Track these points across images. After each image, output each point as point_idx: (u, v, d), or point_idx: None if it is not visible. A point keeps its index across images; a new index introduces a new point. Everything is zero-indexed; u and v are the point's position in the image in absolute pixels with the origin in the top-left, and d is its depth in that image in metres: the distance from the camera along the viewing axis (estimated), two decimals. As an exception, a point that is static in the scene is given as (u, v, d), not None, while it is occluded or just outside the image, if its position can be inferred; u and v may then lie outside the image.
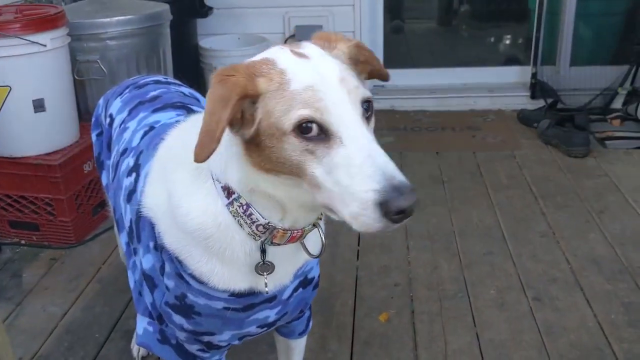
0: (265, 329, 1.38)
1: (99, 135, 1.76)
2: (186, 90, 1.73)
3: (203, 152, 0.99)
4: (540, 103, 4.25)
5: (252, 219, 1.11)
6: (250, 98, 1.00)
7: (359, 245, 2.80)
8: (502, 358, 2.10)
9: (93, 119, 1.80)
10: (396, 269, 2.61)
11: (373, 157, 0.96)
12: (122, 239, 1.46)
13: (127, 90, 1.69)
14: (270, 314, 1.32)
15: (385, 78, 1.23)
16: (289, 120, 0.97)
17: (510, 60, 5.25)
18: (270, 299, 1.27)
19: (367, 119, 1.03)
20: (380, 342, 2.20)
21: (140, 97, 1.62)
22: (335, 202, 0.98)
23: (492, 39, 5.77)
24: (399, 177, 0.94)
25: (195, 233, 1.16)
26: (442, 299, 2.42)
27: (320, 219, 1.21)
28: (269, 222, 1.11)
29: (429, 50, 5.97)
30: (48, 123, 2.69)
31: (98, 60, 2.98)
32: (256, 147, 1.03)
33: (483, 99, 4.41)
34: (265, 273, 1.19)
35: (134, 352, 2.16)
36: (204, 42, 4.06)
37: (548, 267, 2.58)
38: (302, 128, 0.97)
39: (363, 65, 1.15)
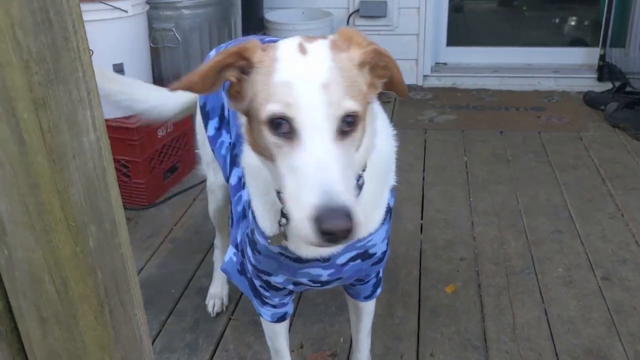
0: (319, 285, 1.43)
1: None
2: None
3: (179, 84, 1.05)
4: (607, 85, 4.15)
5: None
6: (244, 61, 1.05)
7: (422, 219, 2.82)
8: (571, 333, 2.10)
9: None
10: (461, 243, 2.62)
11: (324, 171, 0.94)
12: (234, 174, 1.55)
13: None
14: (323, 274, 1.36)
15: (402, 94, 1.19)
16: (264, 111, 1.00)
17: (574, 41, 5.14)
18: (324, 260, 1.31)
19: (346, 133, 1.00)
20: (447, 312, 2.22)
21: None
22: (289, 200, 0.99)
23: (557, 20, 5.64)
24: (339, 197, 0.92)
25: (247, 170, 1.27)
26: (508, 274, 2.42)
27: None
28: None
29: (491, 30, 5.89)
30: (126, 87, 2.78)
31: (173, 29, 3.05)
32: (252, 129, 1.08)
33: (547, 80, 4.34)
34: (282, 227, 1.23)
35: (209, 308, 2.24)
36: (269, 15, 4.10)
37: (617, 248, 2.55)
38: (274, 122, 0.99)
39: (383, 71, 1.11)
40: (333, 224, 0.91)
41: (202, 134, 1.86)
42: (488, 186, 3.07)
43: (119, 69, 2.72)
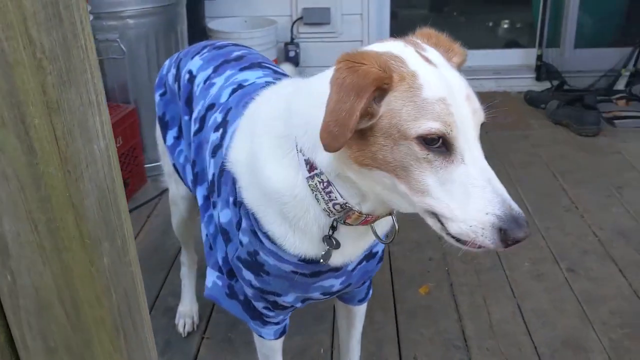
0: (328, 296, 1.39)
1: (162, 95, 1.75)
2: (263, 55, 1.74)
3: (334, 143, 0.98)
4: (546, 85, 4.30)
5: (330, 197, 1.12)
6: (382, 92, 0.99)
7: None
8: (547, 326, 2.13)
9: (157, 80, 1.79)
10: (428, 243, 2.63)
11: (492, 183, 0.98)
12: (199, 193, 1.47)
13: (205, 50, 1.68)
14: (335, 283, 1.34)
15: None
16: (417, 128, 0.96)
17: (509, 43, 5.30)
18: (337, 269, 1.29)
19: None
20: (424, 313, 2.21)
21: (225, 56, 1.61)
22: (442, 210, 1.00)
23: (490, 24, 5.80)
24: (516, 207, 0.98)
25: (273, 196, 1.17)
26: (478, 272, 2.44)
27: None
28: (346, 203, 1.12)
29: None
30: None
31: (117, 39, 2.93)
32: (361, 140, 1.02)
33: (488, 81, 4.44)
34: (328, 247, 1.20)
35: (180, 328, 2.14)
36: (212, 24, 4.02)
37: (577, 240, 2.62)
38: (428, 139, 0.97)
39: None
40: (521, 233, 0.96)
41: (161, 145, 1.80)
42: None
43: (64, 82, 2.57)
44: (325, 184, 1.11)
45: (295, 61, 4.21)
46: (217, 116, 1.42)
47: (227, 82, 1.50)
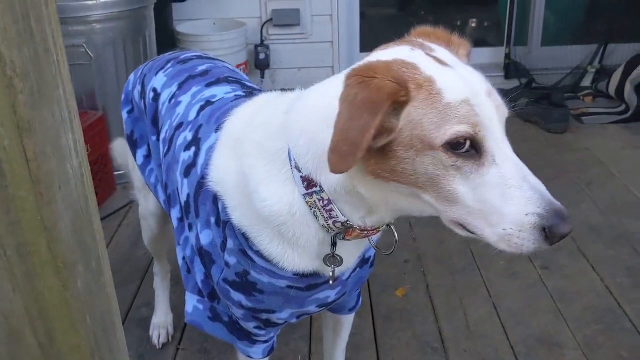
0: (323, 308, 1.36)
1: (129, 112, 1.70)
2: (229, 65, 1.69)
3: (343, 164, 0.92)
4: (515, 83, 4.34)
5: (330, 215, 1.08)
6: (400, 105, 0.93)
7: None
8: (522, 325, 2.15)
9: (123, 96, 1.72)
10: (403, 245, 2.63)
11: (528, 180, 0.94)
12: (173, 215, 1.42)
13: (169, 65, 1.62)
14: (331, 294, 1.31)
15: None
16: (443, 135, 0.91)
17: (477, 42, 5.34)
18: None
19: None
20: (401, 316, 2.21)
21: (189, 72, 1.56)
22: (474, 220, 0.96)
23: (458, 23, 5.85)
24: (556, 202, 0.94)
25: (270, 219, 1.12)
26: (453, 272, 2.45)
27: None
28: (347, 221, 1.08)
29: (397, 34, 5.96)
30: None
31: (84, 45, 2.86)
32: (380, 155, 0.96)
33: (458, 81, 4.47)
34: (333, 266, 1.17)
35: (155, 339, 2.10)
36: (180, 28, 3.96)
37: (550, 237, 2.65)
38: (454, 144, 0.92)
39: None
40: (568, 227, 0.94)
41: (131, 159, 1.75)
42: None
43: (29, 90, 2.51)
44: (325, 202, 1.06)
45: (265, 63, 4.18)
46: (187, 135, 1.37)
47: (194, 99, 1.45)
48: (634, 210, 2.83)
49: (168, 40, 3.89)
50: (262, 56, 4.17)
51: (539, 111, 3.79)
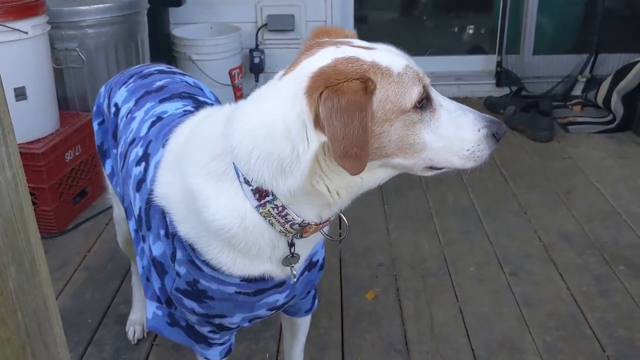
0: (274, 311, 1.43)
1: (100, 124, 1.77)
2: (190, 79, 1.74)
3: (360, 164, 1.05)
4: (505, 90, 4.40)
5: (286, 219, 1.14)
6: (372, 95, 1.07)
7: (340, 227, 2.88)
8: (486, 329, 2.22)
9: (94, 108, 1.80)
10: (379, 248, 2.71)
11: (463, 107, 1.17)
12: (130, 226, 1.49)
13: (131, 80, 1.69)
14: (280, 298, 1.37)
15: None
16: (411, 98, 1.08)
17: (473, 49, 5.40)
18: (280, 284, 1.32)
19: None
20: (369, 318, 2.29)
21: (147, 87, 1.63)
22: (441, 156, 1.14)
23: (456, 29, 5.91)
24: (487, 114, 1.18)
25: (220, 232, 1.17)
26: (425, 276, 2.52)
27: None
28: (303, 220, 1.16)
29: (395, 39, 5.95)
30: (29, 111, 2.67)
31: (77, 49, 2.97)
32: None
33: (450, 87, 4.53)
34: (292, 264, 1.25)
35: (130, 335, 2.19)
36: (177, 31, 4.06)
37: (522, 244, 2.72)
38: (419, 101, 1.09)
39: None
40: (504, 128, 1.17)
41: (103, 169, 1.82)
42: (401, 191, 3.17)
43: (20, 92, 2.62)
44: (280, 208, 1.12)
45: (260, 67, 4.27)
46: (138, 150, 1.43)
47: (147, 115, 1.51)
48: (608, 220, 2.89)
49: (164, 44, 3.99)
50: (256, 60, 4.26)
51: (525, 119, 3.85)
